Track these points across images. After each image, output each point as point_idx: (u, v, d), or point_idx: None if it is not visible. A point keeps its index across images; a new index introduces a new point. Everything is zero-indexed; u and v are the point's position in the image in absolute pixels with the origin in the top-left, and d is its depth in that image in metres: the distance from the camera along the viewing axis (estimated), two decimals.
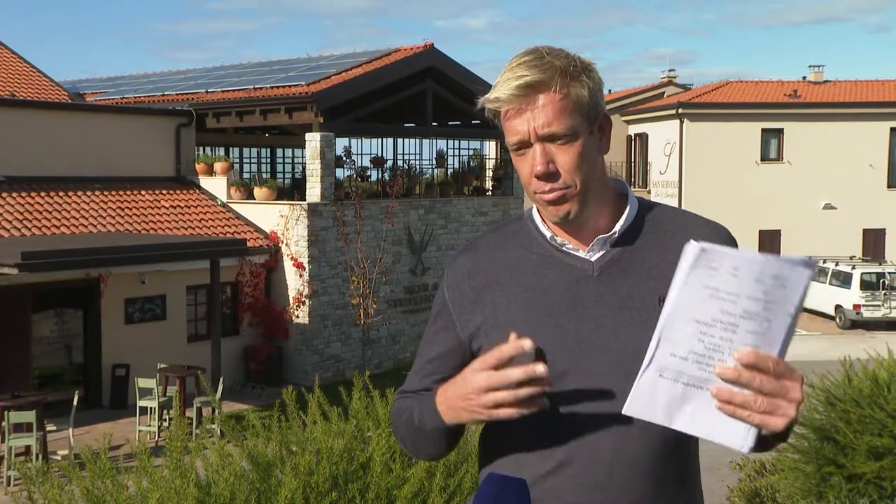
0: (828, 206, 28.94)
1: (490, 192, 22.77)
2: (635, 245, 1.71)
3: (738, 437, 1.41)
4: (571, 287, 1.68)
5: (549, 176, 1.63)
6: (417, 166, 21.19)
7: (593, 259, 1.70)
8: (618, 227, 1.71)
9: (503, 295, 1.71)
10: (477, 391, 1.53)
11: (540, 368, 1.49)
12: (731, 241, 1.74)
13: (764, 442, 1.48)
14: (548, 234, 1.73)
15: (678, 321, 1.39)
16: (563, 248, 1.71)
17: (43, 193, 16.65)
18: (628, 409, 1.46)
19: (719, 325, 1.37)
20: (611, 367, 1.63)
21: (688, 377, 1.41)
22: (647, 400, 1.44)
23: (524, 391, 1.50)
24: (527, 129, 1.62)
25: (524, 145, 1.64)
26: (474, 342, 1.74)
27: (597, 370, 1.64)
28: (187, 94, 21.53)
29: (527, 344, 1.50)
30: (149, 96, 22.37)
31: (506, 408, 1.52)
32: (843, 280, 24.51)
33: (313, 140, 18.12)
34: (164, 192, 18.65)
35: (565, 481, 1.63)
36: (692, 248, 1.37)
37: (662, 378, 1.42)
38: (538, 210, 1.76)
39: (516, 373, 1.49)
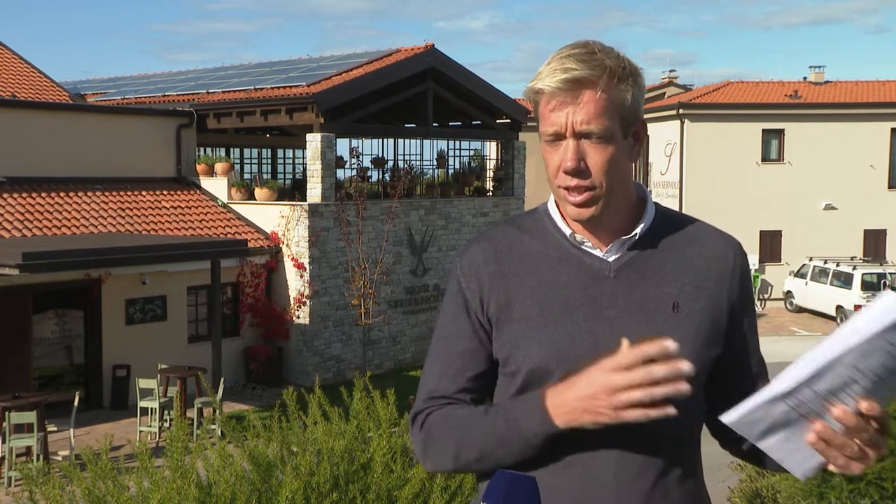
0: (828, 207, 28.92)
1: (491, 193, 22.76)
2: (652, 249, 1.71)
3: (807, 467, 1.44)
4: (588, 285, 1.68)
5: (578, 173, 1.63)
6: (418, 167, 21.19)
7: (610, 260, 1.70)
8: (638, 230, 1.70)
9: (518, 288, 1.70)
10: (608, 391, 1.47)
11: (686, 365, 1.43)
12: (743, 253, 1.77)
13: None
14: (567, 232, 1.72)
15: (841, 365, 1.37)
16: (582, 247, 1.71)
17: (44, 194, 16.66)
18: (729, 419, 1.45)
19: (871, 375, 1.37)
20: None
21: (807, 409, 1.42)
22: (756, 418, 1.44)
23: (661, 390, 1.44)
24: (565, 122, 1.61)
25: (559, 137, 1.64)
26: (493, 331, 1.72)
27: None
28: (188, 94, 21.52)
29: (671, 344, 1.44)
30: (150, 97, 22.38)
31: (637, 408, 1.46)
32: (844, 281, 24.51)
33: (314, 141, 18.12)
34: (164, 192, 18.66)
35: (571, 481, 1.62)
36: None
37: (785, 404, 1.42)
38: (558, 206, 1.75)
39: (660, 370, 1.44)
